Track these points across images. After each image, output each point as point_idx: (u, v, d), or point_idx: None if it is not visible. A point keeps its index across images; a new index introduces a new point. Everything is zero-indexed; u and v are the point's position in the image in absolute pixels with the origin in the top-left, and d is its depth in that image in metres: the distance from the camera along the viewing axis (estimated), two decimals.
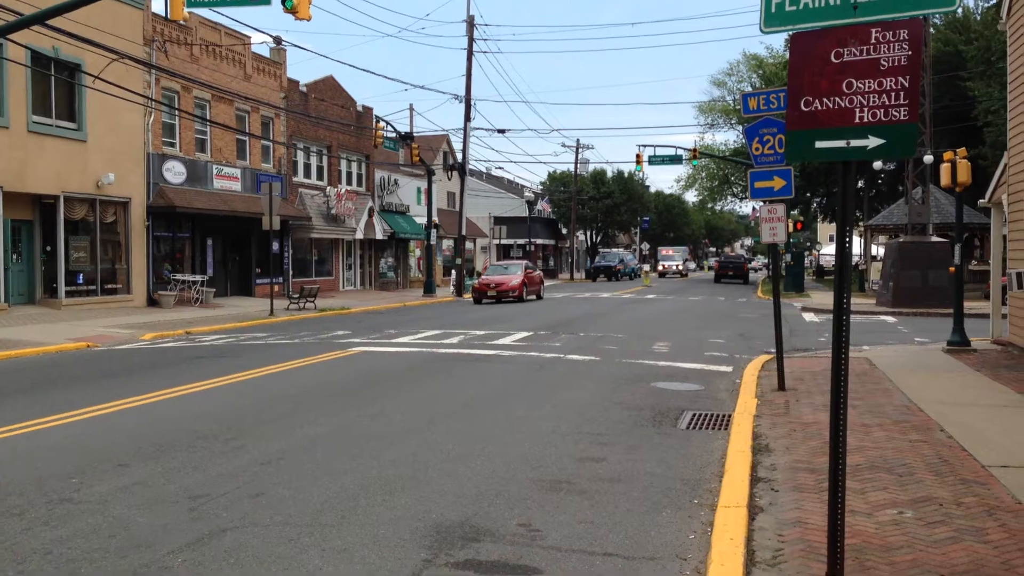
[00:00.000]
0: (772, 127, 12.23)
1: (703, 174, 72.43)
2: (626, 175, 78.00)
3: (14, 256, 25.48)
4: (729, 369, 15.07)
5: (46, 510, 6.52)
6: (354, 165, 44.82)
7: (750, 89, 56.39)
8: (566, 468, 8.00)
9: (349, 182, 44.17)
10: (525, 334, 20.82)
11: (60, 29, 19.70)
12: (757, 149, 12.37)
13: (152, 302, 29.43)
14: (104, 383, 13.05)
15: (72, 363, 15.71)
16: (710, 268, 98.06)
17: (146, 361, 15.99)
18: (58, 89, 26.12)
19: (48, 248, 26.49)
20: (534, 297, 37.73)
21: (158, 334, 20.73)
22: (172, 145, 31.00)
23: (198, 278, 30.93)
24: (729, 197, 73.83)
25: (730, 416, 10.55)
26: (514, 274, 36.73)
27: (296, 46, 33.52)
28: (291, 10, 16.57)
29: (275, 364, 15.08)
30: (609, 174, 79.03)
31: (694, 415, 10.79)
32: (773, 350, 13.34)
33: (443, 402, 11.48)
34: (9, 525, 6.16)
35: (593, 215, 77.62)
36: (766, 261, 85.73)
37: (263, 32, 45.57)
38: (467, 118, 43.32)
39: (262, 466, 7.89)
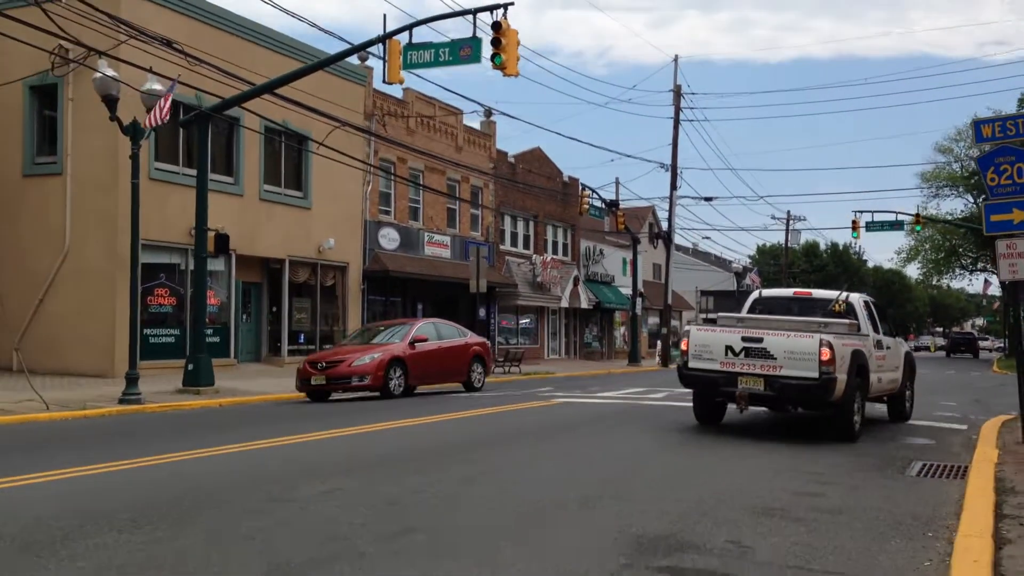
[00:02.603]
0: (1009, 155, 11.24)
1: (927, 246, 68.22)
2: (840, 247, 74.83)
3: (244, 316, 27.27)
4: (963, 427, 13.73)
5: (262, 505, 6.65)
6: (560, 234, 45.39)
7: (977, 154, 53.03)
8: (780, 499, 7.39)
9: (555, 251, 44.70)
10: None
11: (290, 99, 21.22)
12: (992, 180, 11.38)
13: None
14: (316, 420, 13.50)
15: (289, 407, 16.43)
16: (939, 348, 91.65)
17: (356, 407, 16.47)
18: (287, 160, 28.09)
19: (274, 309, 28.19)
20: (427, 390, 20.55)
21: None
22: (387, 213, 32.53)
23: None
24: (957, 270, 69.09)
25: (966, 467, 9.49)
26: (384, 344, 19.06)
27: (506, 115, 34.98)
28: (500, 66, 17.03)
29: (478, 409, 15.13)
30: (822, 246, 76.11)
31: (924, 464, 9.80)
32: (1015, 412, 12.01)
33: (646, 439, 11.04)
34: (230, 516, 6.32)
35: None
36: (1000, 344, 79.04)
37: (474, 101, 47.38)
38: (673, 186, 43.02)
39: (461, 484, 7.76)
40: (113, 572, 4.92)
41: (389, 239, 32.11)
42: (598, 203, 38.64)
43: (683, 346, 11.83)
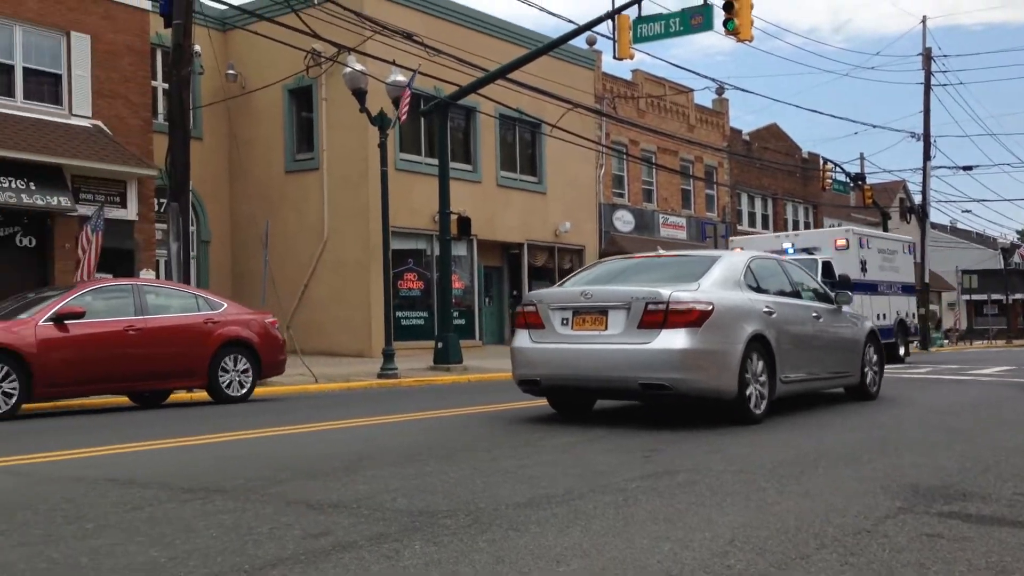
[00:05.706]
0: None
1: None
2: None
3: (486, 299, 28.17)
4: None
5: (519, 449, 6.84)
6: (800, 212, 43.64)
7: None
8: None
9: (795, 230, 42.99)
10: (1007, 367, 18.42)
11: (523, 84, 21.67)
12: None
13: None
14: None
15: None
16: None
17: None
18: (521, 146, 28.74)
19: (515, 292, 28.94)
20: None
21: None
22: (621, 195, 32.54)
23: None
24: None
25: None
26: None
27: (739, 88, 33.96)
28: (733, 31, 16.60)
29: None
30: None
31: None
32: None
33: (903, 406, 10.37)
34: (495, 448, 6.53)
35: None
36: None
37: (705, 76, 46.47)
38: (926, 156, 40.16)
39: (718, 435, 7.60)
40: (391, 493, 5.19)
41: (624, 221, 32.12)
42: (841, 177, 36.75)
43: None
